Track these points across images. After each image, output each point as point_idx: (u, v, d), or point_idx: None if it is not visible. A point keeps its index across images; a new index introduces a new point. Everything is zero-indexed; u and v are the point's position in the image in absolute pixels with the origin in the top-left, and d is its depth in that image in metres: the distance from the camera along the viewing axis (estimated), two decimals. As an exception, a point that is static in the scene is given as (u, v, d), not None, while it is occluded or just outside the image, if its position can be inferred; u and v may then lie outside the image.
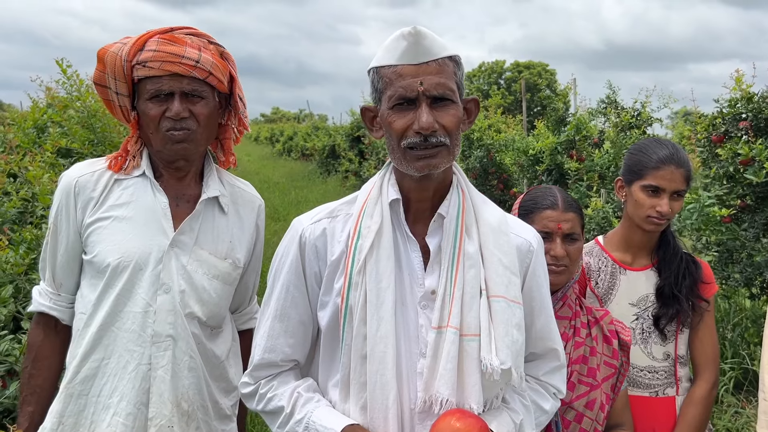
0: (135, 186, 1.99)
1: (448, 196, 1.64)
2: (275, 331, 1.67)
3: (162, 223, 1.97)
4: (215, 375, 2.06)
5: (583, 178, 6.81)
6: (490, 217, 1.65)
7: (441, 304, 1.54)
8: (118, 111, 2.03)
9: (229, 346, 2.12)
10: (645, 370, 2.34)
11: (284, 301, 1.67)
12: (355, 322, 1.54)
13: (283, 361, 1.68)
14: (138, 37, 1.94)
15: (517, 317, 1.57)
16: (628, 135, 6.83)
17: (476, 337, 1.52)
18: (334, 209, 1.70)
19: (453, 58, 1.57)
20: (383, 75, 1.55)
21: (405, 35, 1.52)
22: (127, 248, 1.92)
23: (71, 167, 2.04)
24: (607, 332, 2.14)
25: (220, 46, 2.05)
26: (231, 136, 2.18)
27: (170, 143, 1.94)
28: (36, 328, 2.00)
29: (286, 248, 1.69)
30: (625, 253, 2.42)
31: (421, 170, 1.54)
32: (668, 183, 2.25)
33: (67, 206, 1.97)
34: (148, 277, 1.93)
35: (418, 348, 1.56)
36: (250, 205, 2.18)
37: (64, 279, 2.00)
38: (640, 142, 2.40)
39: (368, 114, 1.67)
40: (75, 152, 4.17)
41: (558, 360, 1.78)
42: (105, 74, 1.96)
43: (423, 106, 1.51)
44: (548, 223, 2.05)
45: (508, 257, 1.60)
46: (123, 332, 1.93)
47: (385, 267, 1.55)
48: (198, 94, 1.94)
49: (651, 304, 2.35)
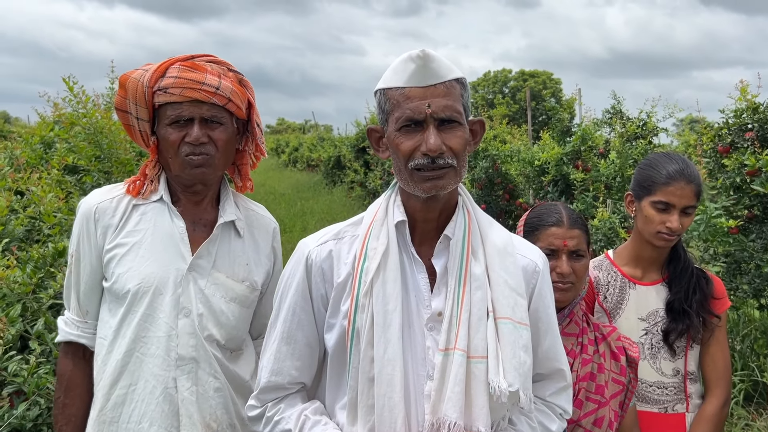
0: (153, 211, 2.02)
1: (454, 217, 1.64)
2: (282, 354, 1.67)
3: (180, 247, 2.00)
4: (242, 394, 2.07)
5: (589, 189, 6.79)
6: (496, 239, 1.65)
7: (448, 326, 1.54)
8: (138, 136, 2.06)
9: (253, 367, 2.14)
10: (654, 385, 2.33)
11: (291, 324, 1.67)
12: (362, 345, 1.54)
13: (290, 384, 1.68)
14: (159, 64, 1.98)
15: (524, 339, 1.56)
16: (634, 145, 6.81)
17: (483, 359, 1.51)
18: (340, 231, 1.71)
19: (460, 80, 1.58)
20: (391, 97, 1.56)
21: (413, 58, 1.53)
22: (147, 274, 1.95)
23: (90, 194, 2.07)
24: (615, 349, 2.13)
25: (239, 73, 2.09)
26: (248, 161, 2.22)
27: (189, 168, 1.97)
28: (65, 358, 2.02)
29: (292, 270, 1.70)
30: (635, 268, 2.42)
31: (428, 191, 1.55)
32: (678, 199, 2.24)
33: (87, 233, 1.99)
34: (168, 302, 1.96)
35: (425, 370, 1.55)
36: (264, 228, 2.21)
37: (90, 306, 2.03)
38: (650, 157, 2.39)
39: (374, 134, 1.68)
40: (81, 169, 4.19)
41: (564, 380, 1.77)
42: (126, 100, 2.00)
43: (431, 129, 1.52)
44: (554, 240, 2.05)
45: (514, 279, 1.60)
46: (148, 357, 1.95)
47: (392, 289, 1.55)
48: (217, 120, 1.98)
49: (660, 319, 2.34)
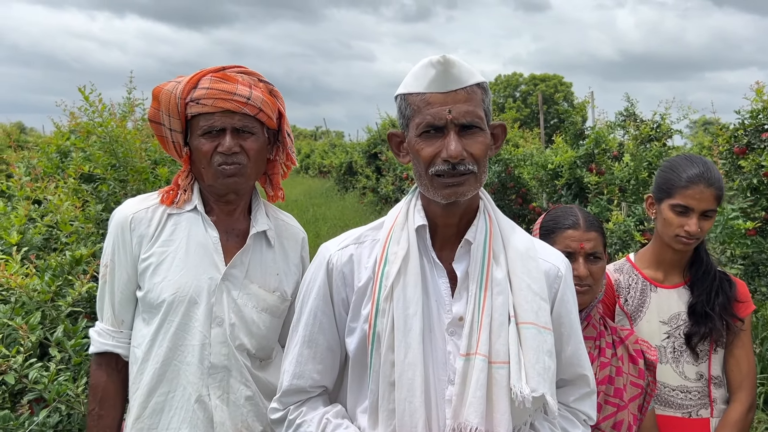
0: (187, 221, 2.04)
1: (475, 221, 1.63)
2: (303, 357, 1.67)
3: (213, 257, 2.01)
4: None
5: (603, 192, 6.76)
6: (517, 243, 1.64)
7: (469, 331, 1.53)
8: (171, 146, 2.08)
9: None
10: (677, 389, 2.31)
11: (312, 327, 1.67)
12: (382, 349, 1.54)
13: (311, 387, 1.69)
14: (191, 76, 2.00)
15: (549, 344, 1.55)
16: (648, 147, 6.78)
17: (505, 364, 1.50)
18: (361, 235, 1.71)
19: (481, 85, 1.57)
20: (411, 102, 1.56)
21: (434, 63, 1.53)
22: (182, 283, 1.97)
23: (124, 203, 2.09)
24: (633, 352, 2.12)
25: (269, 83, 2.11)
26: (279, 171, 2.23)
27: (222, 177, 1.99)
28: (98, 369, 2.03)
29: (313, 274, 1.70)
30: (657, 271, 2.40)
31: (448, 198, 1.55)
32: (697, 203, 2.22)
33: (123, 243, 2.01)
34: (203, 311, 1.97)
35: (446, 375, 1.55)
36: (294, 238, 2.23)
37: (125, 315, 2.04)
38: (671, 159, 2.37)
39: (395, 139, 1.68)
40: (97, 177, 4.21)
41: (588, 386, 1.75)
42: (159, 111, 2.02)
43: (451, 134, 1.51)
44: (570, 242, 2.04)
45: (537, 283, 1.59)
46: (185, 365, 1.97)
47: (412, 293, 1.55)
48: (248, 129, 2.00)
49: (683, 323, 2.32)
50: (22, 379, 2.42)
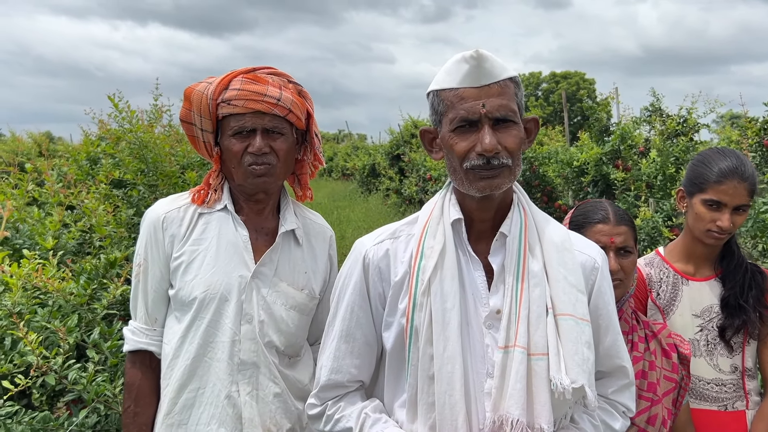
0: (217, 220, 2.07)
1: (510, 214, 1.64)
2: (341, 352, 1.69)
3: (243, 255, 2.05)
4: (301, 399, 2.10)
5: (630, 188, 6.70)
6: (553, 235, 1.64)
7: (507, 324, 1.53)
8: (202, 146, 2.11)
9: (312, 371, 2.18)
10: (712, 383, 2.29)
11: (349, 322, 1.68)
12: (421, 343, 1.54)
13: (349, 382, 1.70)
14: (222, 77, 2.03)
15: (587, 335, 1.55)
16: (675, 142, 6.70)
17: (544, 356, 1.50)
18: (396, 230, 1.72)
19: (513, 79, 1.58)
20: (444, 98, 1.57)
21: (467, 58, 1.54)
22: (212, 281, 2.00)
23: (155, 204, 2.13)
24: (666, 346, 2.11)
25: (298, 85, 2.13)
26: (307, 170, 2.26)
27: (252, 177, 2.02)
28: (132, 367, 2.06)
29: (349, 270, 1.71)
30: (687, 264, 2.38)
31: (483, 190, 1.55)
32: (730, 198, 2.19)
33: (156, 241, 2.04)
34: (233, 308, 2.00)
35: (484, 368, 1.55)
36: (321, 236, 2.25)
37: (158, 314, 2.07)
38: (703, 153, 2.34)
39: (428, 136, 1.69)
40: (128, 183, 4.27)
41: (627, 377, 1.74)
42: (191, 112, 2.06)
43: (486, 128, 1.52)
44: (600, 237, 2.03)
45: (573, 275, 1.59)
46: (215, 362, 2.00)
47: (449, 287, 1.55)
48: (278, 130, 2.02)
49: (716, 315, 2.30)
50: (62, 380, 2.47)
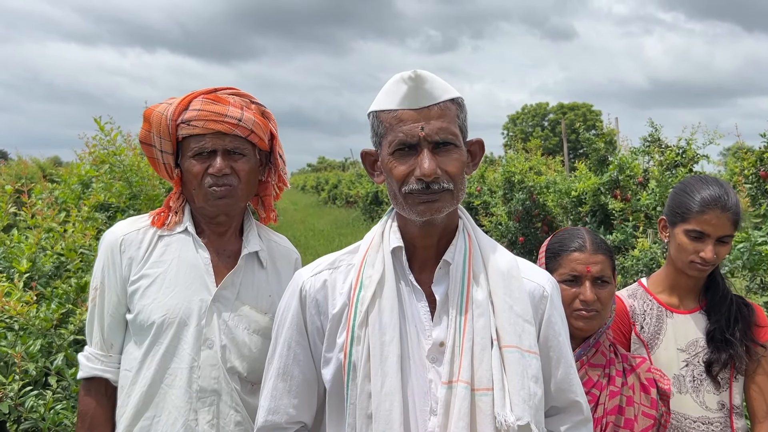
0: (178, 242, 2.02)
1: (454, 241, 1.57)
2: (278, 391, 1.61)
3: (204, 278, 1.99)
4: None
5: (628, 219, 6.62)
6: (499, 262, 1.57)
7: (450, 357, 1.46)
8: (162, 168, 2.07)
9: None
10: (698, 421, 2.19)
11: (286, 359, 1.61)
12: (359, 379, 1.47)
13: (288, 423, 1.62)
14: (183, 98, 2.00)
15: (534, 368, 1.48)
16: (674, 173, 6.63)
17: (489, 391, 1.44)
18: (336, 260, 1.65)
19: (455, 100, 1.52)
20: (383, 119, 1.52)
21: (405, 79, 1.49)
22: (171, 305, 1.94)
23: (114, 225, 2.08)
24: (645, 380, 2.03)
25: (261, 105, 2.10)
26: (271, 192, 2.22)
27: (212, 199, 1.97)
28: (87, 395, 1.99)
29: (287, 303, 1.65)
30: (671, 296, 2.30)
31: (423, 215, 1.49)
32: (713, 229, 2.11)
33: (113, 264, 1.99)
34: (192, 333, 1.94)
35: (428, 405, 1.48)
36: (286, 259, 2.19)
37: (114, 339, 2.01)
38: (685, 181, 2.27)
39: (369, 158, 1.62)
40: (113, 206, 4.23)
41: (581, 413, 1.66)
42: (151, 133, 2.02)
43: (425, 152, 1.46)
44: (576, 265, 1.97)
45: (520, 304, 1.52)
46: (172, 389, 1.93)
47: (388, 319, 1.48)
48: (239, 151, 1.98)
49: (701, 350, 2.21)
50: (18, 407, 2.38)
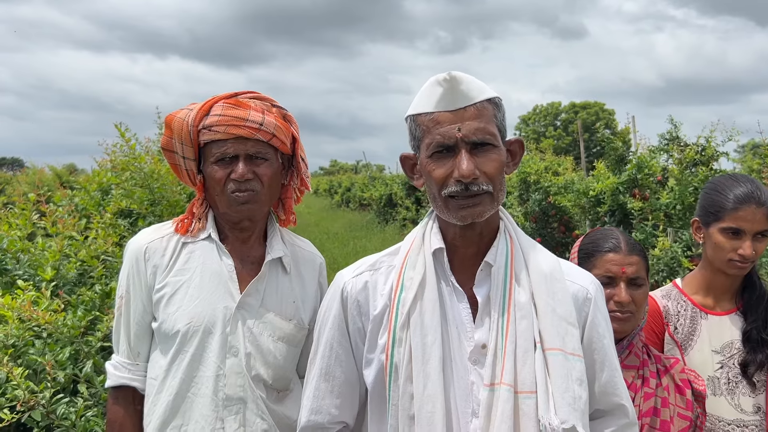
0: (201, 249, 2.01)
1: (495, 242, 1.56)
2: (321, 392, 1.61)
3: (228, 285, 1.97)
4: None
5: (648, 218, 6.56)
6: (541, 264, 1.56)
7: (493, 360, 1.45)
8: (184, 175, 2.06)
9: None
10: (733, 423, 2.15)
11: (329, 360, 1.61)
12: (401, 381, 1.47)
13: (330, 423, 1.62)
14: (204, 103, 1.99)
15: (578, 371, 1.46)
16: (694, 172, 6.58)
17: (532, 394, 1.42)
18: (376, 261, 1.66)
19: (492, 100, 1.51)
20: (420, 123, 1.52)
21: (440, 81, 1.49)
22: (196, 313, 1.93)
23: (138, 233, 2.07)
24: (679, 382, 2.00)
25: (282, 108, 2.08)
26: (292, 195, 2.20)
27: (235, 204, 1.96)
28: (115, 404, 1.99)
29: (328, 303, 1.65)
30: (706, 297, 2.27)
31: (464, 220, 1.49)
32: (749, 224, 2.10)
33: (138, 273, 1.98)
34: (217, 341, 1.93)
35: (470, 407, 1.47)
36: (311, 264, 2.18)
37: (141, 347, 2.00)
38: (715, 180, 2.26)
39: (408, 162, 1.63)
40: (135, 213, 4.25)
41: (627, 417, 1.63)
42: (172, 139, 2.01)
43: (462, 153, 1.46)
44: (611, 267, 1.95)
45: (563, 306, 1.50)
46: (198, 398, 1.92)
47: (430, 321, 1.48)
48: (262, 156, 1.97)
49: (737, 351, 2.18)
50: (50, 415, 2.38)
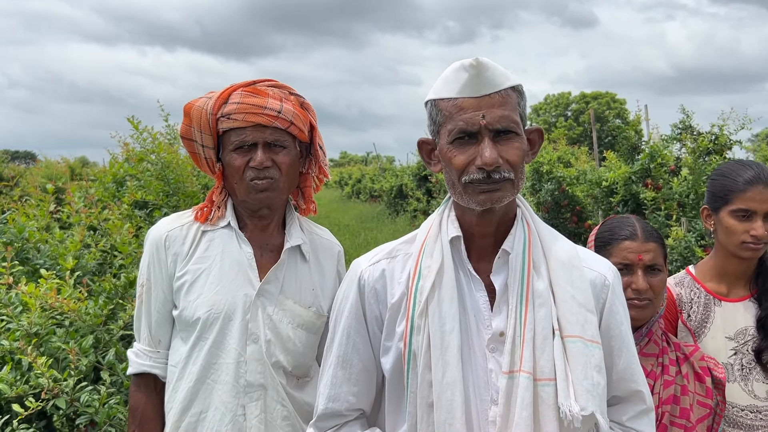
0: (221, 237, 2.03)
1: (513, 230, 1.55)
2: (338, 379, 1.61)
3: (248, 273, 2.00)
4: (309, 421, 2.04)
5: (661, 208, 6.55)
6: (559, 251, 1.55)
7: (511, 347, 1.45)
8: (203, 163, 2.08)
9: None
10: (746, 409, 2.17)
11: (346, 347, 1.61)
12: (419, 369, 1.46)
13: (347, 411, 1.62)
14: (222, 91, 2.00)
15: (597, 358, 1.46)
16: (707, 161, 6.56)
17: (551, 381, 1.42)
18: (393, 249, 1.64)
19: (516, 88, 1.50)
20: (442, 108, 1.49)
21: (466, 67, 1.47)
22: (216, 300, 1.95)
23: (158, 222, 2.09)
24: (699, 369, 2.00)
25: (300, 96, 2.09)
26: (311, 184, 2.21)
27: (254, 192, 1.97)
28: (137, 391, 2.02)
29: (345, 291, 1.64)
30: (720, 284, 2.28)
31: (483, 204, 1.47)
32: (759, 204, 2.11)
33: (158, 261, 2.01)
34: (237, 328, 1.95)
35: (488, 394, 1.47)
36: (329, 252, 2.19)
37: (162, 335, 2.03)
38: (721, 166, 2.28)
39: (426, 147, 1.61)
40: (151, 204, 4.30)
41: (644, 403, 1.63)
42: (191, 128, 2.03)
43: (486, 141, 1.44)
44: (628, 254, 1.95)
45: (581, 293, 1.50)
46: (219, 384, 1.95)
47: (448, 308, 1.47)
48: (280, 143, 1.98)
49: (750, 338, 2.19)
50: (74, 402, 2.43)
